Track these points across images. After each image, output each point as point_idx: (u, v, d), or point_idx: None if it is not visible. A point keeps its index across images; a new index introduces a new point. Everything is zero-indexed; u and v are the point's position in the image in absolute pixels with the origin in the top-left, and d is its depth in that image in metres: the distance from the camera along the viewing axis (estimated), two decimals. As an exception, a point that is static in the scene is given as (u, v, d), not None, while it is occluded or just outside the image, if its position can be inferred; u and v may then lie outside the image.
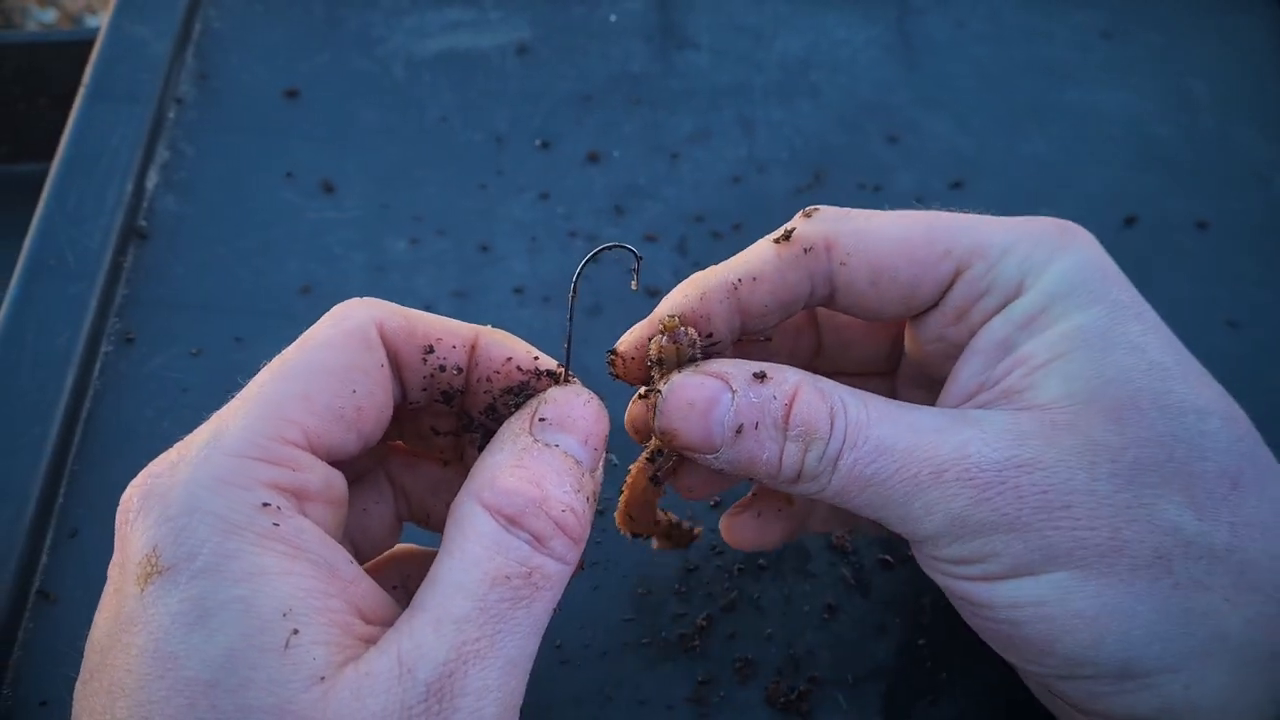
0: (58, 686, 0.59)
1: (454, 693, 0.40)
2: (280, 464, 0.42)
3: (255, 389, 0.44)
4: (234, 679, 0.38)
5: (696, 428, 0.48)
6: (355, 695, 0.39)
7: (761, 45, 0.90)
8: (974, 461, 0.46)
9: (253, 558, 0.39)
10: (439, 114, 0.86)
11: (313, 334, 0.46)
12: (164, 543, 0.39)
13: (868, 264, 0.51)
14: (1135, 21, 0.92)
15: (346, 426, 0.45)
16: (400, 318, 0.47)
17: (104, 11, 1.65)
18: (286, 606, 0.39)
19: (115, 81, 0.84)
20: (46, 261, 0.74)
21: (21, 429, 0.67)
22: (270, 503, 0.41)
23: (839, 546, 0.65)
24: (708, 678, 0.60)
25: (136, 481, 0.42)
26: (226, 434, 0.42)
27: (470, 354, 0.49)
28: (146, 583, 0.39)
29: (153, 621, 0.39)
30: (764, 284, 0.51)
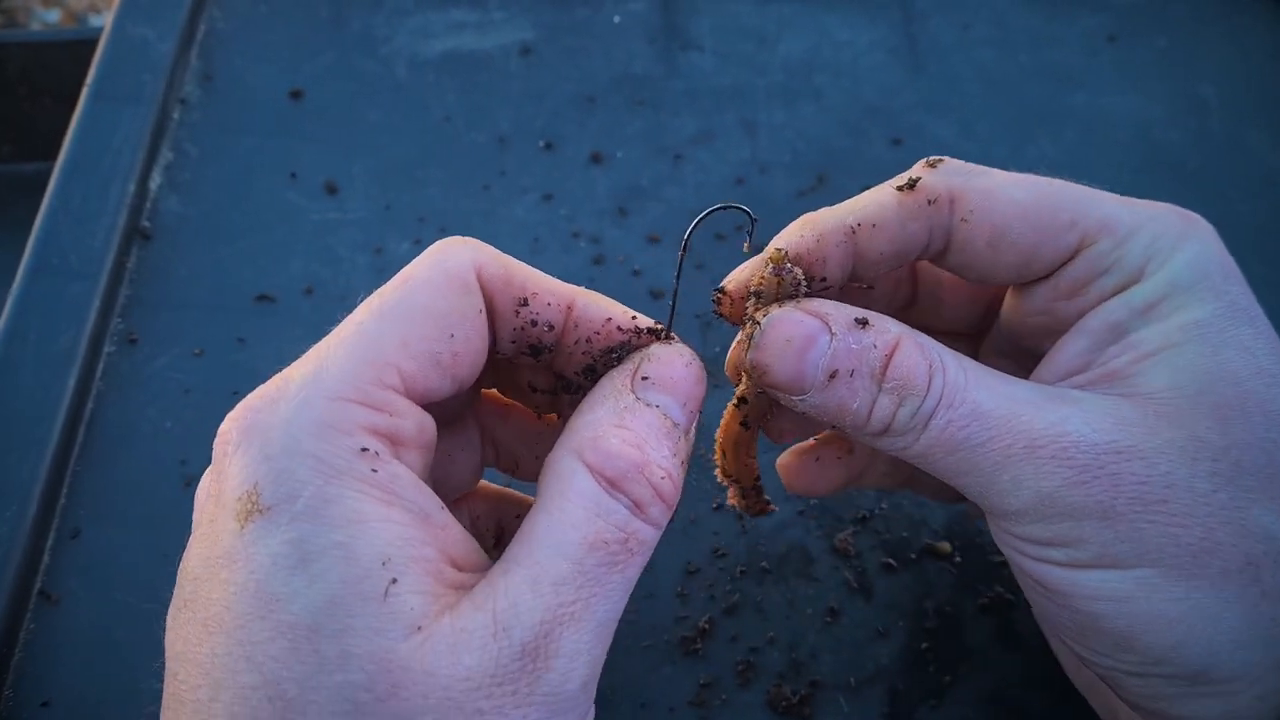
0: (59, 687, 0.59)
1: (548, 654, 0.40)
2: (378, 408, 0.41)
3: (353, 328, 0.43)
4: (336, 625, 0.38)
5: (790, 366, 0.47)
6: (450, 650, 0.38)
7: (765, 47, 0.90)
8: (1072, 440, 0.44)
9: (352, 503, 0.39)
10: (442, 115, 0.86)
11: (413, 273, 0.45)
12: (264, 482, 0.39)
13: (990, 225, 0.49)
14: (1142, 25, 0.91)
15: (442, 372, 0.44)
16: (499, 265, 0.46)
17: (108, 11, 1.65)
18: (385, 555, 0.39)
19: (119, 81, 0.84)
20: (50, 261, 0.74)
21: (24, 429, 0.67)
22: (368, 448, 0.40)
23: (841, 550, 0.65)
24: (709, 680, 0.60)
25: (235, 414, 0.42)
26: (326, 374, 0.41)
27: (567, 314, 0.47)
28: (246, 520, 0.39)
29: (253, 560, 0.38)
30: (883, 232, 0.49)
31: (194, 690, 0.39)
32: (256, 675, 0.37)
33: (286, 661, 0.37)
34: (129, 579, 0.63)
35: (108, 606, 0.62)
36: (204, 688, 0.38)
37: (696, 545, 0.65)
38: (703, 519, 0.66)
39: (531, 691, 0.39)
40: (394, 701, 0.37)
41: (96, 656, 0.61)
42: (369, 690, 0.37)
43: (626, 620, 0.62)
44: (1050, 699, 0.60)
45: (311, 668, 0.37)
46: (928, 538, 0.66)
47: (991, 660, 0.61)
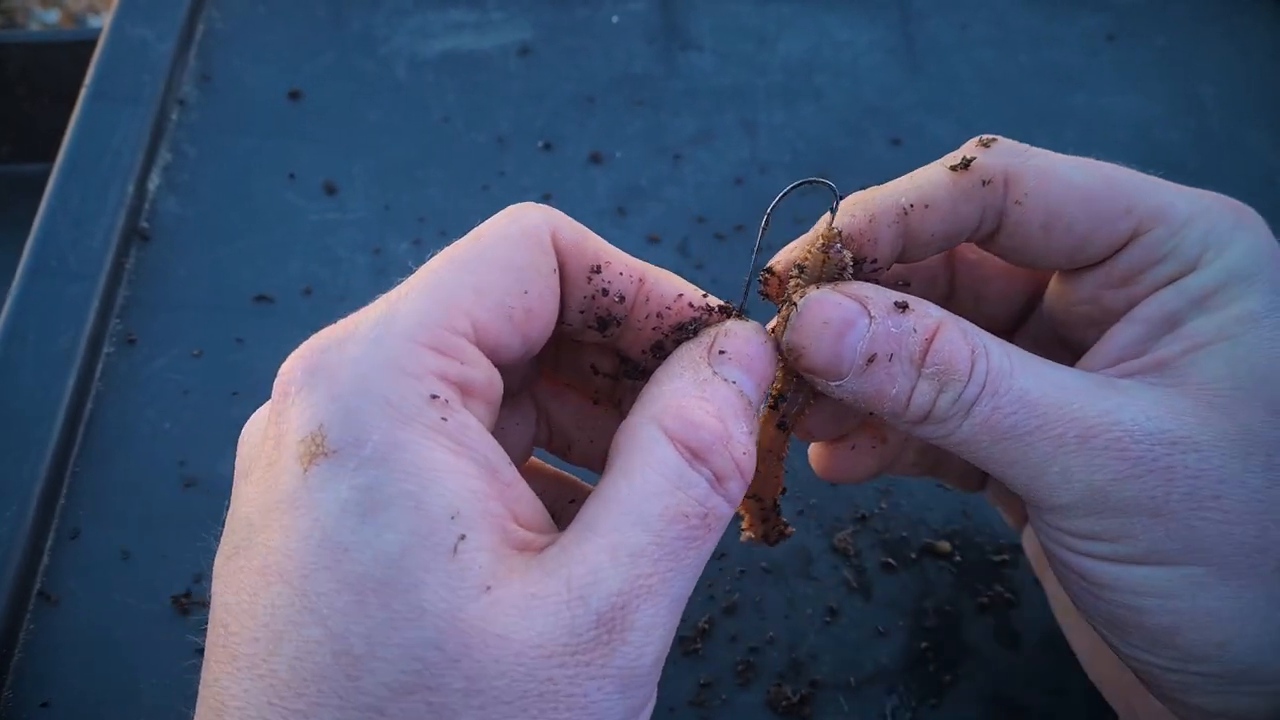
0: (59, 688, 0.59)
1: (624, 626, 0.38)
2: (450, 355, 0.40)
3: (428, 275, 0.41)
4: (407, 579, 0.36)
5: (827, 349, 0.45)
6: (522, 614, 0.37)
7: (764, 47, 0.90)
8: (1126, 430, 0.43)
9: (422, 451, 0.37)
10: (442, 115, 0.86)
11: (488, 228, 0.43)
12: (331, 423, 0.37)
13: (1045, 208, 0.47)
14: (1142, 25, 0.91)
15: (514, 328, 0.42)
16: (573, 230, 0.45)
17: (106, 12, 1.65)
18: (454, 509, 0.37)
19: (117, 82, 0.84)
20: (48, 262, 0.74)
21: (23, 430, 0.67)
22: (439, 395, 0.39)
23: (841, 549, 0.65)
24: (709, 680, 0.60)
25: (300, 353, 0.40)
26: (398, 316, 0.40)
27: (638, 287, 0.46)
28: (310, 463, 0.37)
29: (318, 507, 0.37)
30: (935, 213, 0.48)
31: (249, 643, 0.37)
32: (321, 629, 0.36)
33: (354, 616, 0.36)
34: (128, 579, 0.63)
35: (107, 607, 0.62)
36: (262, 640, 0.36)
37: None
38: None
39: (605, 664, 0.38)
40: (465, 663, 0.36)
41: (96, 657, 0.60)
42: (439, 649, 0.36)
43: (626, 620, 0.62)
44: (1050, 698, 0.60)
45: (380, 623, 0.36)
46: (927, 537, 0.66)
47: (991, 659, 0.61)
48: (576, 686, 0.37)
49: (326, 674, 0.36)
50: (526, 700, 0.36)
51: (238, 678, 0.37)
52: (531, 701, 0.36)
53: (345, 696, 0.35)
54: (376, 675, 0.35)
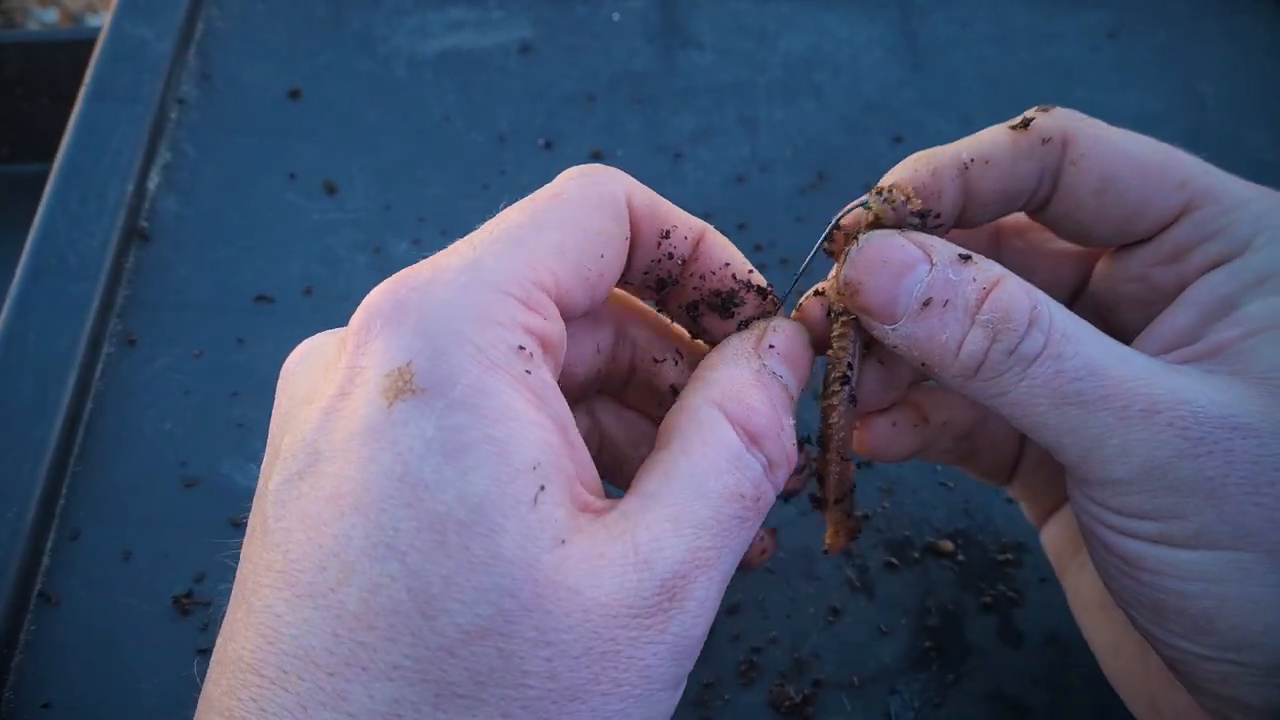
0: (60, 689, 0.59)
1: (683, 595, 0.39)
2: (534, 309, 0.40)
3: (511, 227, 0.42)
4: (487, 523, 0.36)
5: (884, 288, 0.46)
6: (592, 571, 0.37)
7: (765, 45, 0.90)
8: (1191, 410, 0.42)
9: (508, 400, 0.38)
10: (442, 114, 0.86)
11: (570, 189, 0.44)
12: (420, 361, 0.37)
13: (1099, 171, 0.48)
14: (1142, 22, 0.91)
15: (586, 289, 0.43)
16: (645, 195, 0.45)
17: (105, 11, 1.65)
18: (536, 460, 0.38)
19: (117, 82, 0.84)
20: (48, 263, 0.74)
21: (23, 431, 0.67)
22: (524, 346, 0.39)
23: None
24: (712, 680, 0.60)
25: (386, 289, 0.40)
26: (485, 265, 0.40)
27: (694, 247, 0.47)
28: (396, 398, 0.37)
29: (400, 442, 0.37)
30: (995, 169, 0.48)
31: (314, 571, 0.37)
32: (398, 564, 0.36)
33: (433, 555, 0.36)
34: (129, 580, 0.63)
35: (108, 608, 0.62)
36: (330, 570, 0.36)
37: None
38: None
39: (664, 630, 0.39)
40: (537, 613, 0.36)
41: (97, 658, 0.60)
42: (514, 597, 0.36)
43: (628, 620, 0.62)
44: (1053, 697, 0.60)
45: (459, 564, 0.36)
46: (930, 536, 0.65)
47: (994, 659, 0.61)
48: (636, 649, 0.38)
49: (401, 610, 0.36)
50: (590, 657, 0.37)
51: (296, 605, 0.37)
52: (595, 659, 0.37)
53: (418, 634, 0.36)
54: (451, 616, 0.36)
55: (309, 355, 0.42)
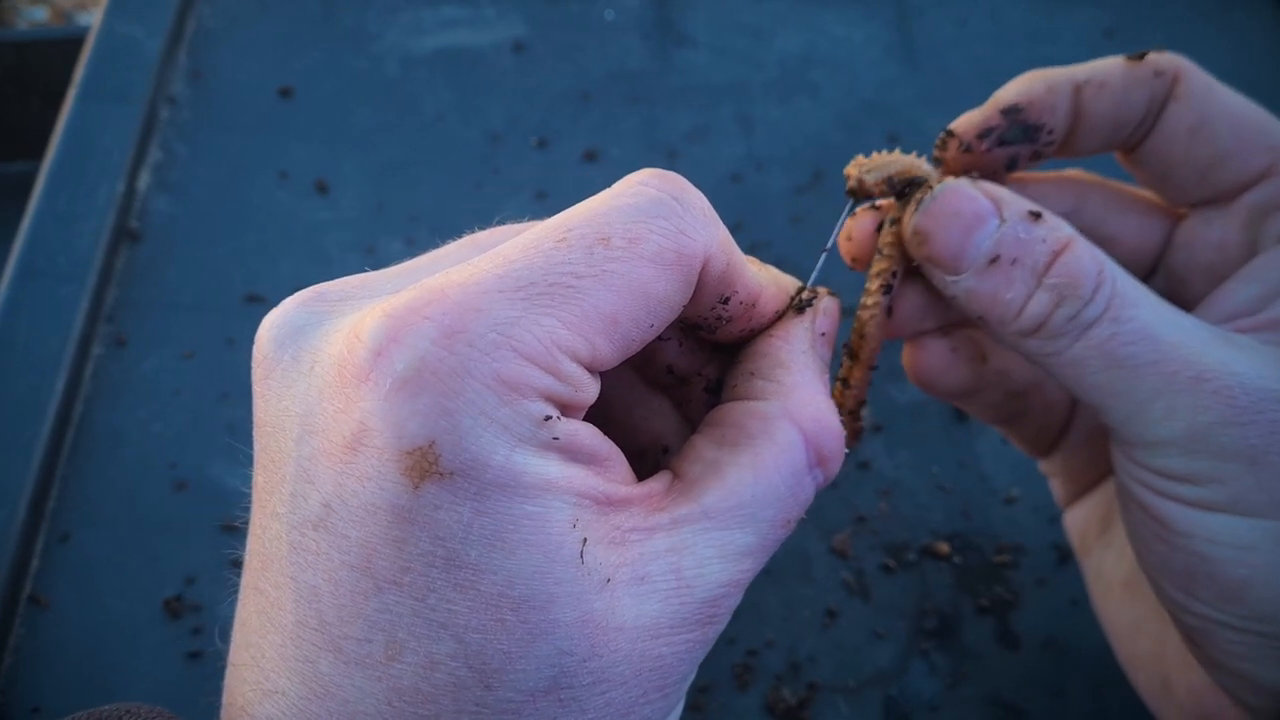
0: (49, 692, 0.59)
1: (718, 616, 0.40)
2: (565, 381, 0.38)
3: (562, 271, 0.37)
4: (543, 595, 0.36)
5: (953, 240, 0.46)
6: (636, 600, 0.38)
7: (760, 43, 0.90)
8: (1238, 380, 0.43)
9: (540, 471, 0.36)
10: (434, 112, 0.85)
11: (647, 234, 0.39)
12: (445, 442, 0.35)
13: (1199, 110, 0.49)
14: (1139, 21, 0.91)
15: (624, 353, 0.40)
16: (723, 258, 0.41)
17: (95, 9, 1.64)
18: (574, 516, 0.37)
19: (107, 80, 0.83)
20: (37, 263, 0.73)
21: (12, 432, 0.66)
22: (551, 415, 0.37)
23: (840, 551, 0.64)
24: (707, 684, 0.60)
25: (393, 331, 0.36)
26: (521, 324, 0.36)
27: (748, 310, 0.45)
28: (423, 480, 0.35)
29: (439, 526, 0.35)
30: (1107, 91, 0.49)
31: (359, 643, 0.36)
32: (455, 644, 0.36)
33: (492, 633, 0.36)
34: (120, 582, 0.63)
35: (98, 611, 0.62)
36: (377, 644, 0.36)
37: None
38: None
39: (701, 639, 0.39)
40: (593, 661, 0.37)
41: (87, 661, 0.60)
42: (572, 655, 0.36)
43: (623, 623, 0.61)
44: (1050, 700, 0.60)
45: (519, 639, 0.36)
46: (926, 539, 0.65)
47: (991, 661, 0.61)
48: (675, 659, 0.39)
49: (462, 684, 0.36)
50: (641, 677, 0.38)
51: (348, 672, 0.36)
52: (645, 677, 0.38)
53: (483, 703, 0.36)
54: (515, 684, 0.36)
55: (296, 347, 0.39)
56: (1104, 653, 0.61)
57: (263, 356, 0.39)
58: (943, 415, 0.70)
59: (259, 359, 0.39)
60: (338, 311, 0.39)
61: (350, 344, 0.36)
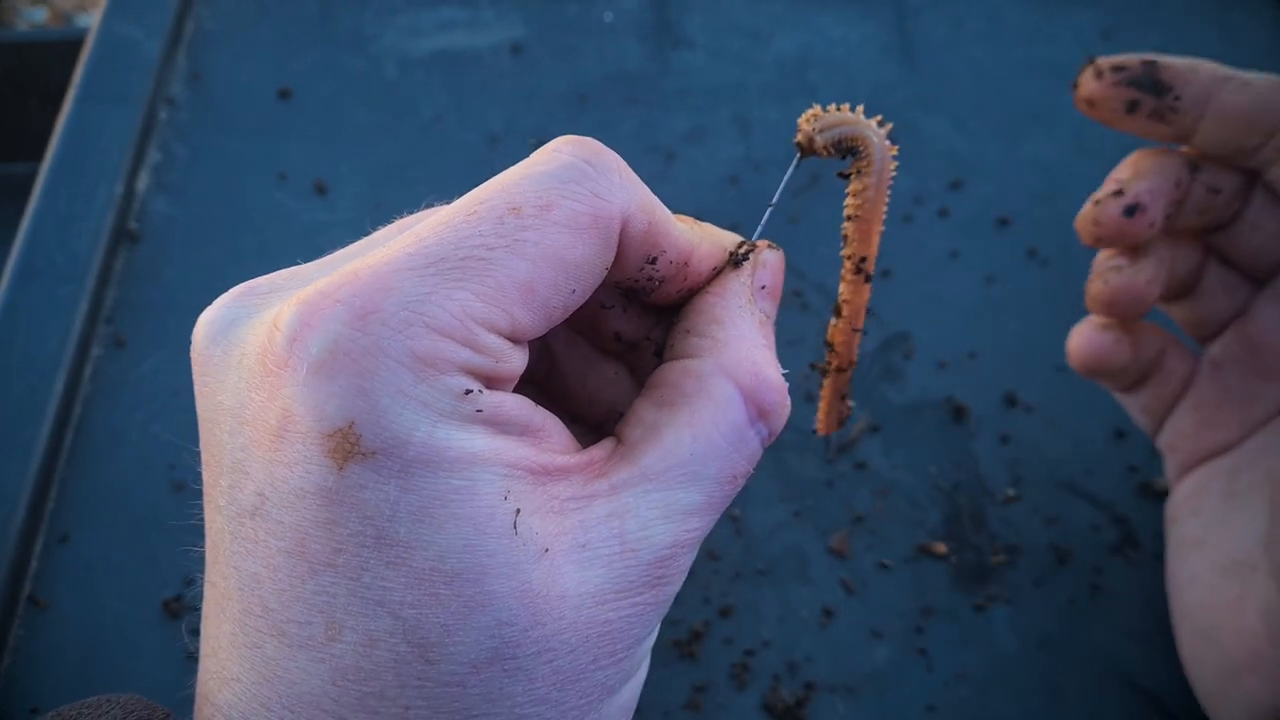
0: (48, 693, 0.59)
1: (667, 577, 0.40)
2: (484, 353, 0.37)
3: (474, 243, 0.37)
4: (475, 568, 0.36)
5: None
6: (578, 566, 0.38)
7: (758, 44, 0.90)
8: None
9: (465, 444, 0.36)
10: (432, 114, 0.85)
11: (559, 199, 0.38)
12: (365, 422, 0.35)
13: None
14: (1137, 22, 0.91)
15: (548, 321, 0.40)
16: (644, 217, 0.41)
17: (95, 10, 1.64)
18: (505, 488, 0.37)
19: (106, 81, 0.83)
20: (36, 264, 0.73)
21: (11, 433, 0.66)
22: (472, 389, 0.37)
23: (837, 551, 0.65)
24: (704, 683, 0.60)
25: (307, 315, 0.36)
26: (434, 299, 0.36)
27: (681, 269, 0.44)
28: (346, 461, 0.35)
29: (365, 505, 0.36)
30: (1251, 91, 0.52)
31: (300, 625, 0.36)
32: (391, 620, 0.36)
33: (427, 607, 0.36)
34: (119, 584, 0.63)
35: (97, 612, 0.62)
36: (317, 625, 0.36)
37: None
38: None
39: (651, 602, 0.39)
40: (535, 630, 0.37)
41: (86, 662, 0.60)
42: (512, 625, 0.36)
43: (621, 623, 0.61)
44: (1047, 700, 0.60)
45: (454, 612, 0.36)
46: (923, 538, 0.65)
47: (988, 661, 0.61)
48: (625, 622, 0.39)
49: (403, 660, 0.36)
50: (589, 644, 0.38)
51: (293, 655, 0.37)
52: (591, 644, 0.38)
53: (425, 677, 0.36)
54: (455, 657, 0.36)
55: (227, 342, 0.39)
56: (1101, 653, 0.61)
57: (198, 353, 0.40)
58: (940, 415, 0.70)
59: (195, 356, 0.40)
60: (265, 304, 0.39)
61: (270, 333, 0.37)
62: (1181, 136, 0.54)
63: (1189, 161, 0.55)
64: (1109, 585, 0.63)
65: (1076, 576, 0.64)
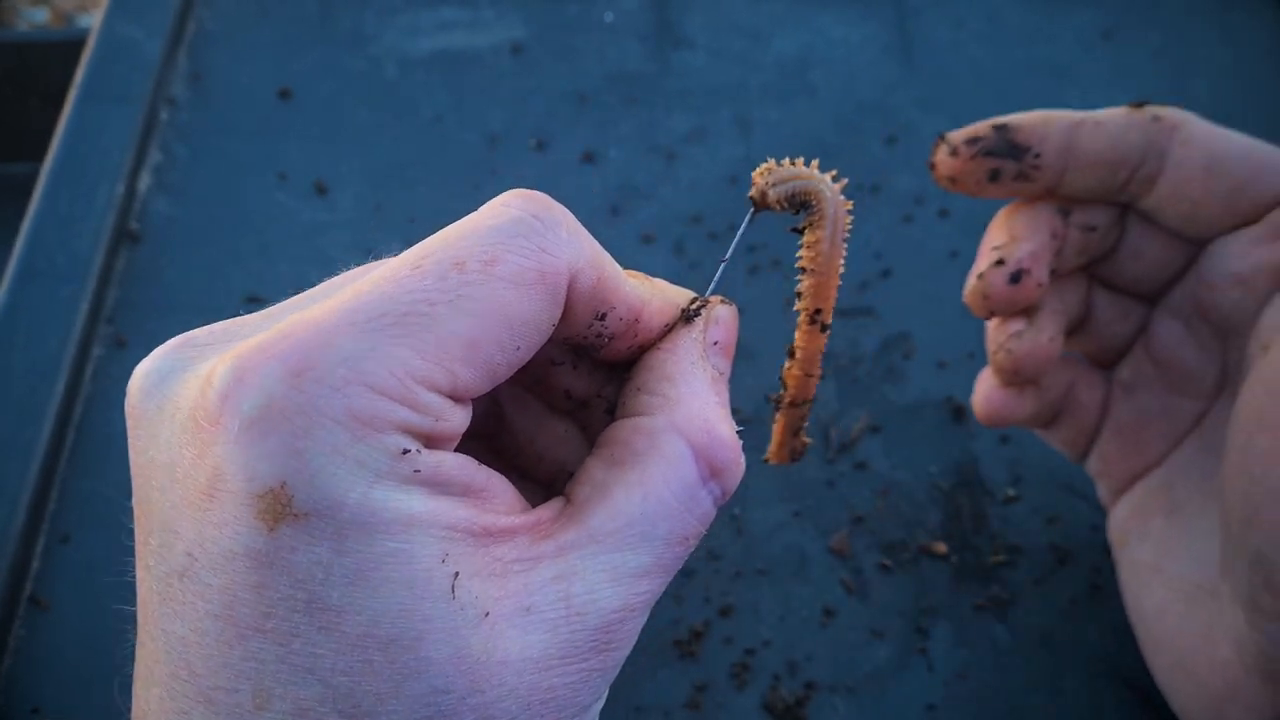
0: (49, 694, 0.59)
1: (615, 642, 0.39)
2: (423, 412, 0.36)
3: (415, 299, 0.36)
4: (411, 633, 0.35)
5: None
6: (521, 631, 0.37)
7: (759, 45, 0.90)
8: None
9: (401, 506, 0.35)
10: (433, 114, 0.85)
11: (505, 255, 0.38)
12: (297, 483, 0.34)
13: (1208, 149, 0.52)
14: (1137, 22, 0.91)
15: (491, 378, 0.39)
16: (593, 272, 0.40)
17: (95, 11, 1.64)
18: (443, 551, 0.36)
19: (107, 82, 0.83)
20: (37, 265, 0.73)
21: (12, 433, 0.66)
22: (410, 449, 0.36)
23: (837, 551, 0.65)
24: (704, 683, 0.60)
25: (240, 372, 0.35)
26: (372, 357, 0.35)
27: (631, 325, 0.43)
28: (277, 522, 0.34)
29: (297, 569, 0.35)
30: (1104, 131, 0.52)
31: (226, 693, 0.35)
32: (322, 688, 0.35)
33: (359, 675, 0.35)
34: (119, 585, 0.63)
35: (98, 612, 0.62)
36: (244, 692, 0.35)
37: (694, 547, 0.64)
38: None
39: (598, 667, 0.38)
40: (474, 698, 0.36)
41: (86, 663, 0.60)
42: (449, 692, 0.35)
43: (621, 623, 0.61)
44: (1046, 699, 0.60)
45: (387, 680, 0.35)
46: (923, 538, 0.65)
47: (988, 661, 0.61)
48: (570, 689, 0.38)
49: None
50: (530, 711, 0.37)
51: None
52: (536, 710, 0.37)
53: None
54: None
55: (161, 396, 0.38)
56: (1100, 652, 0.61)
57: (131, 406, 0.39)
58: (940, 416, 0.70)
59: (129, 409, 0.39)
60: (201, 357, 0.38)
61: (203, 389, 0.35)
62: (1049, 191, 0.54)
63: (1059, 208, 0.55)
64: (1109, 585, 0.63)
65: (1076, 576, 0.64)
